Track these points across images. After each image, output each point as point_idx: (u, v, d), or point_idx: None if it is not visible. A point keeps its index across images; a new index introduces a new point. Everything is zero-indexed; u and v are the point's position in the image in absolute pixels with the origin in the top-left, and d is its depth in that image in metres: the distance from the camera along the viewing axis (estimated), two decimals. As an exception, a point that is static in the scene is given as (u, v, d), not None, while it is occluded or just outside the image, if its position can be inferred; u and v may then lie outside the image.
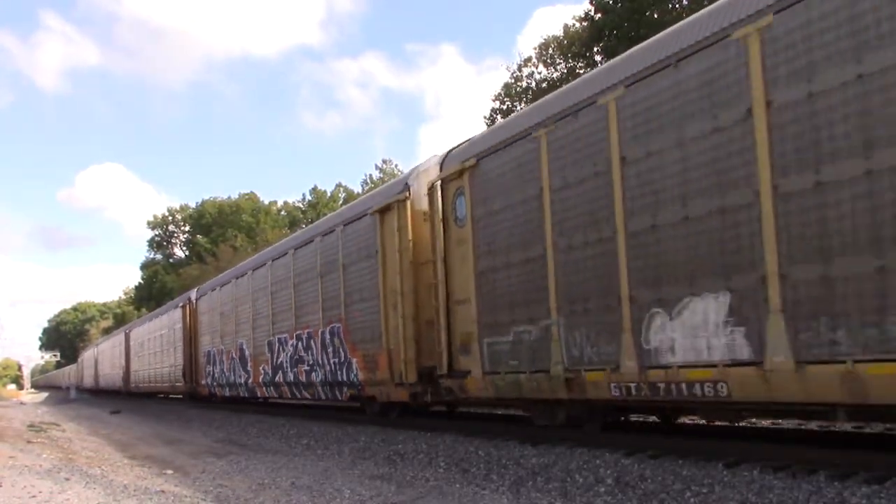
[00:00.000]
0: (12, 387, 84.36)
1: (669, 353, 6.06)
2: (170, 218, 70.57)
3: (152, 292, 63.52)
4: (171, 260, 69.08)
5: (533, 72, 33.04)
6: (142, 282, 69.35)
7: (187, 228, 68.77)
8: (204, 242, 61.43)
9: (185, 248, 68.30)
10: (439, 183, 9.32)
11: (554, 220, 7.30)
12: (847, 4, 4.83)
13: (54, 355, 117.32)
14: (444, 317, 9.00)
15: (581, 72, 27.18)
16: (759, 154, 5.30)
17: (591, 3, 24.59)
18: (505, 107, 32.52)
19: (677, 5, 22.35)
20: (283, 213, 65.00)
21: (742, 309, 5.45)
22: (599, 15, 24.27)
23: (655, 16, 22.42)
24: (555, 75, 31.54)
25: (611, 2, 23.50)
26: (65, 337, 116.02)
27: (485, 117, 33.43)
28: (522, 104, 30.96)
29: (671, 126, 6.01)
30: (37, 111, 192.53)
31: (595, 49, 26.13)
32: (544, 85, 30.72)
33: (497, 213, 8.16)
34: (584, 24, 26.64)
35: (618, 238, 6.53)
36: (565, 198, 7.20)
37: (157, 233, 70.88)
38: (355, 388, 11.41)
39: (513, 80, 33.40)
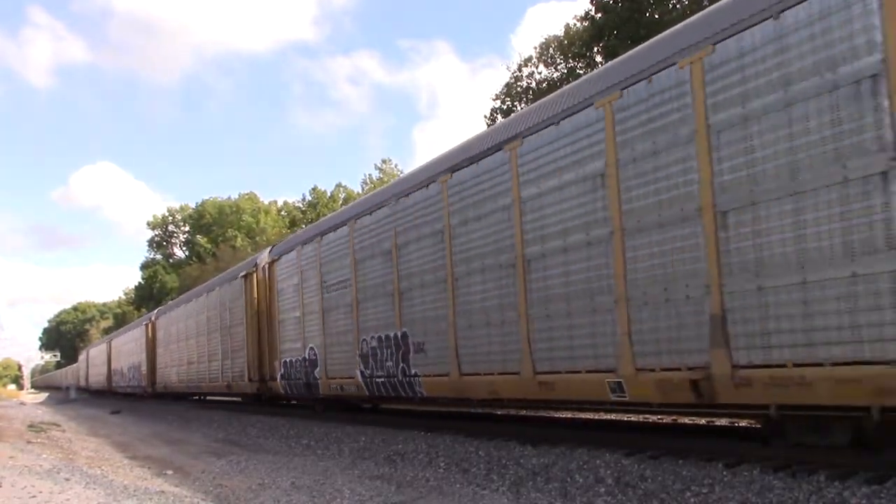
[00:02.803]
0: (12, 387, 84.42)
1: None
2: (170, 218, 70.61)
3: (152, 292, 63.57)
4: (170, 260, 69.11)
5: (533, 72, 33.10)
6: (142, 282, 69.38)
7: (187, 228, 68.79)
8: (204, 242, 61.45)
9: (185, 248, 68.37)
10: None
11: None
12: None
13: (54, 355, 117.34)
14: (150, 361, 26.73)
15: (581, 72, 27.19)
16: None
17: (591, 2, 24.60)
18: (505, 106, 32.54)
19: (677, 5, 22.34)
20: (283, 213, 65.02)
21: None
22: (600, 15, 24.28)
23: (656, 16, 22.42)
24: (555, 75, 31.57)
25: (611, 2, 23.50)
26: (65, 337, 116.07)
27: (485, 116, 33.49)
28: (523, 104, 30.96)
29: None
30: (27, 109, 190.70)
31: (595, 49, 26.14)
32: (544, 85, 30.75)
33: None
34: (585, 23, 26.65)
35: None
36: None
37: (156, 233, 70.95)
38: (143, 388, 28.33)
39: (513, 80, 33.45)
